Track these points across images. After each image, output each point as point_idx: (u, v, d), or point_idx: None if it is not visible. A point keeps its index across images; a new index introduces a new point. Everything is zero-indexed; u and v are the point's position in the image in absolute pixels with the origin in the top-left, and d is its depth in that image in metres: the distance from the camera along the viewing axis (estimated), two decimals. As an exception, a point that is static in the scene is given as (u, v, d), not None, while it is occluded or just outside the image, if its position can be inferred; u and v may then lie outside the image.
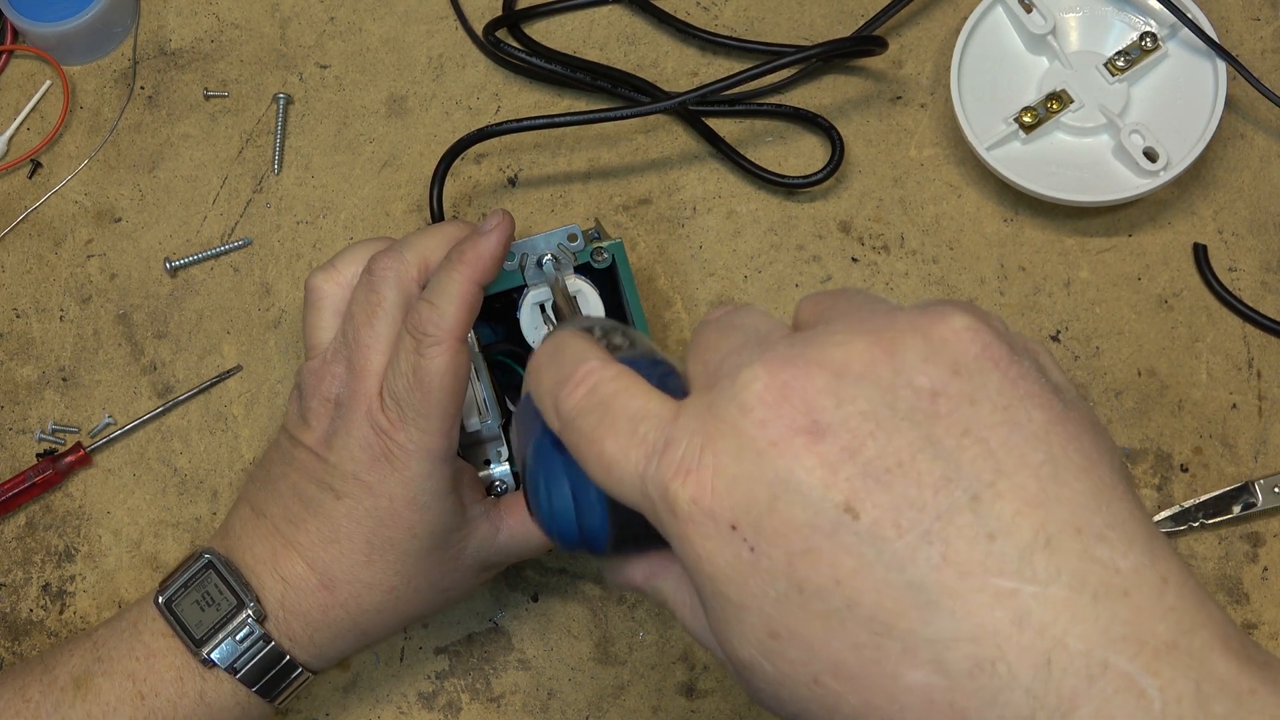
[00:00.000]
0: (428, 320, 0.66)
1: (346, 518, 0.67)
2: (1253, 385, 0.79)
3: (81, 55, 0.90)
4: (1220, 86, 0.80)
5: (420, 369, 0.65)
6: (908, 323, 0.44)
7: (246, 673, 0.67)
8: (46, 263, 0.86)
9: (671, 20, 0.87)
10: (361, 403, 0.66)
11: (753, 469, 0.43)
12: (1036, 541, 0.41)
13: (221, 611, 0.67)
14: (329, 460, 0.67)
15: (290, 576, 0.67)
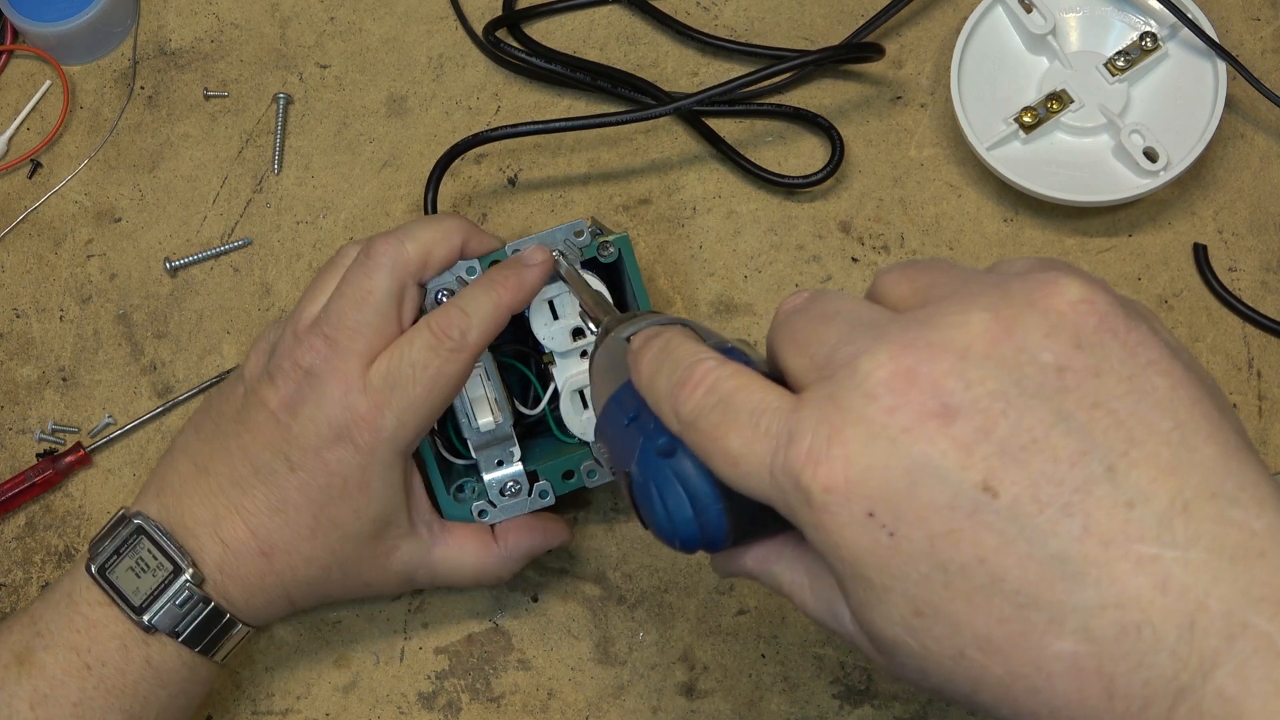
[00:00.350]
0: (455, 325, 0.66)
1: (298, 490, 0.66)
2: (1253, 385, 0.79)
3: (81, 55, 0.90)
4: (1220, 86, 0.80)
5: (432, 367, 0.66)
6: (1023, 297, 0.45)
7: (189, 635, 0.67)
8: (46, 263, 0.86)
9: (671, 22, 0.87)
10: (339, 381, 0.66)
11: (886, 456, 0.43)
12: (1174, 507, 0.42)
13: (158, 577, 0.66)
14: (291, 429, 0.66)
15: (230, 541, 0.67)
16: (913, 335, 0.44)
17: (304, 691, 0.77)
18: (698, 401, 0.48)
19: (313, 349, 0.67)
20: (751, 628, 0.76)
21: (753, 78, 0.80)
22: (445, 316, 0.67)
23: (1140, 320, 0.45)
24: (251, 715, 0.77)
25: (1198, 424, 0.43)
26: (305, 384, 0.66)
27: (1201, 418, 0.43)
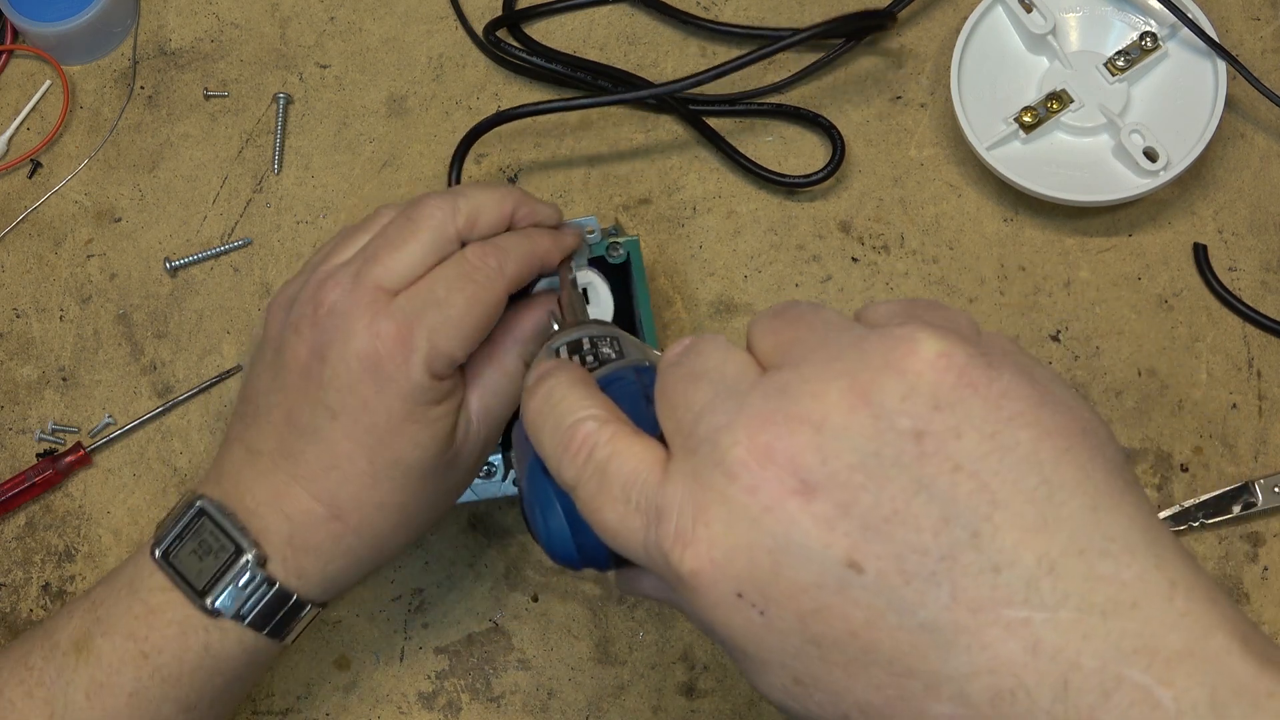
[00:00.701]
0: (492, 256, 0.64)
1: (345, 438, 0.63)
2: (1253, 385, 0.79)
3: (81, 55, 0.90)
4: (1220, 86, 0.80)
5: (466, 291, 0.63)
6: (880, 357, 0.44)
7: (254, 618, 0.65)
8: (46, 263, 0.86)
9: (674, 13, 0.87)
10: (364, 311, 0.62)
11: (750, 537, 0.43)
12: (1041, 568, 0.41)
13: (221, 559, 0.64)
14: (323, 376, 0.63)
15: (296, 513, 0.64)
16: (771, 407, 0.44)
17: (304, 691, 0.77)
18: (577, 469, 0.47)
19: (337, 285, 0.63)
20: (751, 628, 0.76)
21: (761, 53, 0.80)
22: (481, 249, 0.64)
23: (1004, 368, 0.44)
24: (251, 715, 0.77)
25: (1064, 477, 0.42)
26: (330, 324, 0.63)
27: (1069, 468, 0.42)
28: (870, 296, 0.81)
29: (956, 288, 0.81)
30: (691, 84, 0.80)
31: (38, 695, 0.65)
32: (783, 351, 0.46)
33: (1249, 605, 0.75)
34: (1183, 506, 0.76)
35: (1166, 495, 0.77)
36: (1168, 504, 0.77)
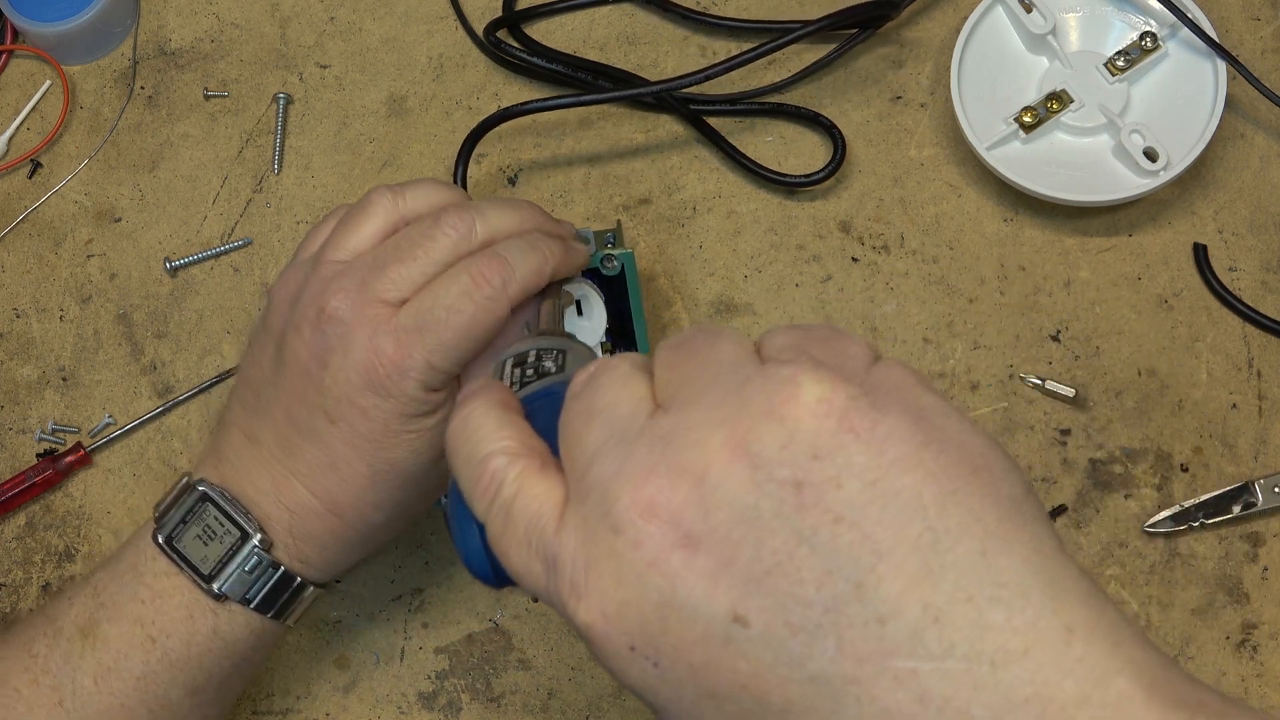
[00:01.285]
0: (497, 273, 0.63)
1: (343, 443, 0.64)
2: (1253, 385, 0.79)
3: (81, 55, 0.90)
4: (1220, 86, 0.80)
5: (466, 313, 0.63)
6: (761, 403, 0.43)
7: (260, 601, 0.66)
8: (46, 263, 0.86)
9: (674, 9, 0.87)
10: (366, 325, 0.63)
11: (637, 592, 0.43)
12: (926, 617, 0.41)
13: (226, 544, 0.65)
14: (323, 381, 0.63)
15: (295, 505, 0.65)
16: (655, 458, 0.43)
17: (304, 691, 0.77)
18: (485, 505, 0.47)
19: (341, 291, 0.64)
20: (751, 628, 0.76)
21: (767, 48, 0.80)
22: (487, 263, 0.63)
23: (889, 409, 0.43)
24: (251, 715, 0.77)
25: (950, 521, 0.41)
26: (331, 331, 0.63)
27: (956, 511, 0.42)
28: (870, 297, 0.81)
29: (956, 288, 0.81)
30: (698, 79, 0.80)
31: (44, 682, 0.65)
32: (674, 389, 0.45)
33: (1249, 605, 0.75)
34: (1183, 506, 0.76)
35: (1166, 495, 0.77)
36: (1168, 504, 0.77)
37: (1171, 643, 0.74)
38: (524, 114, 0.82)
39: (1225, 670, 0.74)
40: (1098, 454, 0.78)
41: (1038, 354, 0.80)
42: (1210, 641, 0.74)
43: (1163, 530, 0.76)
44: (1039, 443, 0.78)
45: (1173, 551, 0.76)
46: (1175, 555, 0.76)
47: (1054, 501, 0.77)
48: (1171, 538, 0.76)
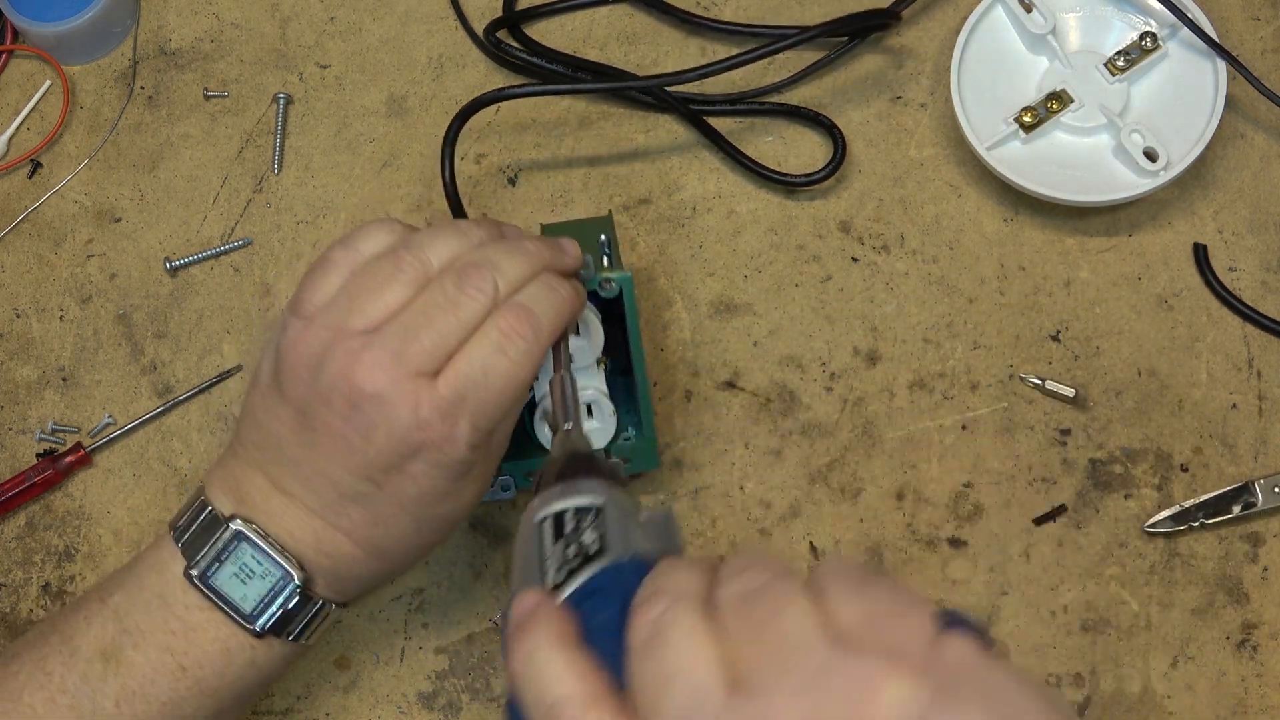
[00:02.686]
0: (527, 324, 0.64)
1: (390, 504, 0.65)
2: (1253, 385, 0.79)
3: (81, 55, 0.90)
4: (1220, 86, 0.80)
5: (501, 369, 0.64)
6: (842, 703, 0.43)
7: (297, 631, 0.67)
8: (46, 263, 0.86)
9: (674, 11, 0.87)
10: (407, 401, 0.63)
11: None
12: None
13: (267, 583, 0.65)
14: (368, 455, 0.64)
15: (337, 554, 0.66)
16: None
17: (304, 691, 0.77)
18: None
19: (376, 367, 0.63)
20: (751, 628, 0.76)
21: (762, 52, 0.80)
22: (515, 317, 0.64)
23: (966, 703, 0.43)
24: (251, 715, 0.77)
25: None
26: (371, 409, 0.63)
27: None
28: (870, 297, 0.81)
29: (956, 288, 0.81)
30: (691, 77, 0.80)
31: (61, 701, 0.65)
32: (749, 666, 0.45)
33: (1249, 605, 0.75)
34: (1183, 506, 0.76)
35: (1166, 495, 0.77)
36: (1168, 504, 0.77)
37: (1171, 643, 0.74)
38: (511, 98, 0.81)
39: (1225, 670, 0.74)
40: (1098, 454, 0.78)
41: (1038, 354, 0.80)
42: (1210, 641, 0.74)
43: (1163, 530, 0.76)
44: (1039, 443, 0.78)
45: (1173, 551, 0.76)
46: (1175, 555, 0.76)
47: (1054, 501, 0.77)
48: (1171, 538, 0.76)
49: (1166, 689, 0.74)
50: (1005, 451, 0.78)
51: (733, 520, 0.78)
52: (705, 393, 0.80)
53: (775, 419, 0.80)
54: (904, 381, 0.80)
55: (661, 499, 0.79)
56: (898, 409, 0.79)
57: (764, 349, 0.81)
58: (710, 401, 0.80)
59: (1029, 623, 0.75)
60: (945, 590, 0.76)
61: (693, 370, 0.81)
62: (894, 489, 0.78)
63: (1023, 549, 0.76)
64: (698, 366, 0.81)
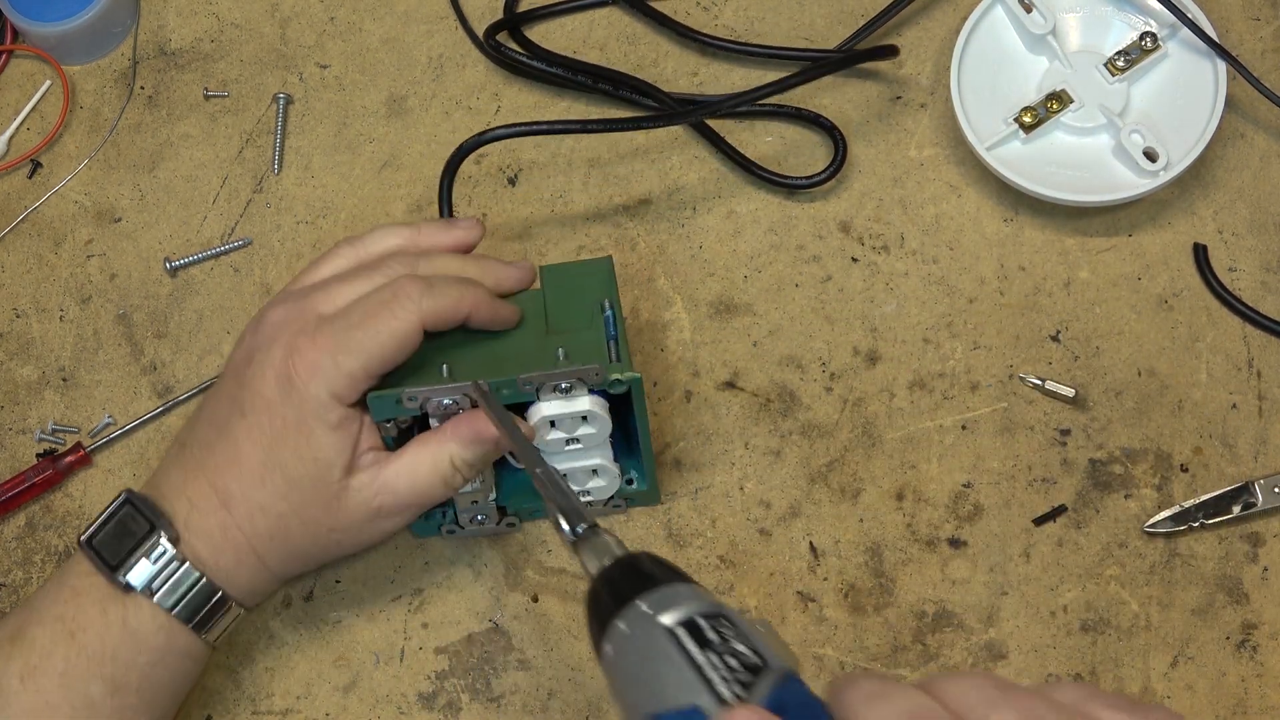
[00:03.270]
0: (415, 288, 0.68)
1: (247, 437, 0.69)
2: (1253, 385, 0.79)
3: (81, 55, 0.90)
4: (1220, 86, 0.80)
5: (379, 317, 0.68)
6: None
7: (164, 593, 0.69)
8: (46, 263, 0.86)
9: (670, 23, 0.87)
10: (292, 328, 0.69)
11: None
12: None
13: (135, 537, 0.69)
14: (244, 377, 0.69)
15: (195, 497, 0.69)
16: None
17: (304, 691, 0.77)
18: None
19: (284, 304, 0.71)
20: (751, 628, 0.76)
21: (761, 92, 0.81)
22: (407, 283, 0.69)
23: None
24: (251, 715, 0.77)
25: None
26: (264, 333, 0.70)
27: None
28: (870, 297, 0.81)
29: (956, 288, 0.81)
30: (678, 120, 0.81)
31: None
32: None
33: (1249, 605, 0.75)
34: (1183, 506, 0.76)
35: (1166, 495, 0.77)
36: (1168, 504, 0.77)
37: (1171, 643, 0.74)
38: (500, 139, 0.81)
39: (1225, 670, 0.74)
40: (1098, 454, 0.78)
41: (1038, 354, 0.80)
42: (1210, 641, 0.74)
43: (1163, 530, 0.76)
44: (1039, 443, 0.78)
45: (1173, 552, 0.76)
46: (1175, 555, 0.76)
47: (1054, 501, 0.77)
48: (1171, 538, 0.76)
49: (1166, 689, 0.74)
50: (1005, 451, 0.78)
51: (733, 520, 0.78)
52: (705, 393, 0.80)
53: (775, 419, 0.80)
54: (904, 381, 0.80)
55: (661, 499, 0.79)
56: (898, 409, 0.79)
57: (764, 349, 0.81)
58: (710, 401, 0.80)
59: (1029, 623, 0.75)
60: (945, 590, 0.76)
61: (693, 370, 0.81)
62: (894, 489, 0.78)
63: (1023, 549, 0.76)
64: (698, 366, 0.81)
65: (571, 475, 0.75)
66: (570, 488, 0.68)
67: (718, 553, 0.77)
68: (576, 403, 0.71)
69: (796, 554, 0.77)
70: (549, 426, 0.72)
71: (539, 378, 0.70)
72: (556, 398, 0.71)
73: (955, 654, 0.75)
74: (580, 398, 0.71)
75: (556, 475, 0.64)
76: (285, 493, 0.69)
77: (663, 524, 0.78)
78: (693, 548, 0.78)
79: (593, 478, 0.75)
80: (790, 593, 0.77)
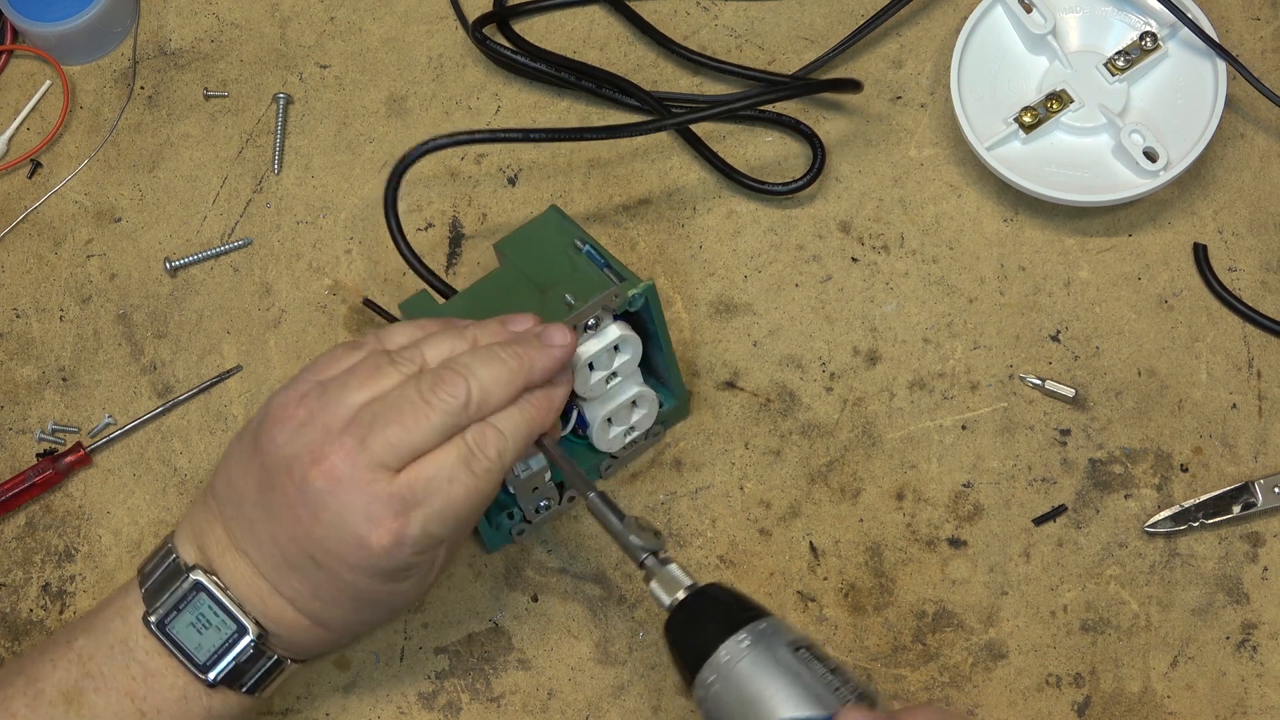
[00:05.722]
0: (492, 445, 0.65)
1: (329, 584, 0.66)
2: (1253, 385, 0.79)
3: (81, 55, 0.90)
4: (1220, 86, 0.80)
5: (464, 483, 0.65)
6: None
7: (250, 685, 0.68)
8: (46, 263, 0.86)
9: (653, 33, 0.87)
10: (363, 493, 0.64)
11: None
12: None
13: (222, 635, 0.67)
14: (314, 532, 0.65)
15: (281, 619, 0.68)
16: None
17: (304, 691, 0.77)
18: None
19: (343, 448, 0.64)
20: (751, 628, 0.76)
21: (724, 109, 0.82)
22: (482, 436, 0.65)
23: None
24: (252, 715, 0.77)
25: None
26: (328, 486, 0.64)
27: None
28: (870, 297, 0.81)
29: (956, 288, 0.81)
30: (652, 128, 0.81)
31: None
32: None
33: (1249, 605, 0.75)
34: (1183, 506, 0.76)
35: (1166, 495, 0.77)
36: (1168, 504, 0.77)
37: (1171, 643, 0.74)
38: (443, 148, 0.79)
39: (1225, 670, 0.74)
40: (1098, 454, 0.78)
41: (1038, 354, 0.80)
42: (1210, 641, 0.74)
43: (1163, 530, 0.76)
44: (1039, 443, 0.78)
45: (1173, 551, 0.76)
46: (1175, 555, 0.76)
47: (1054, 501, 0.77)
48: (1171, 538, 0.76)
49: (1166, 689, 0.74)
50: (1005, 451, 0.78)
51: (733, 520, 0.78)
52: (705, 393, 0.80)
53: (775, 419, 0.80)
54: (904, 381, 0.80)
55: (662, 499, 0.79)
56: (898, 409, 0.79)
57: (764, 349, 0.81)
58: (710, 401, 0.80)
59: (1029, 623, 0.75)
60: (945, 590, 0.76)
61: (693, 370, 0.81)
62: (894, 489, 0.78)
63: (1023, 549, 0.76)
64: (698, 366, 0.81)
65: (616, 417, 0.76)
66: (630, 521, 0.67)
67: (718, 553, 0.77)
68: (606, 334, 0.72)
69: (796, 554, 0.77)
70: (589, 371, 0.73)
71: (569, 322, 0.70)
72: (589, 338, 0.72)
73: (955, 654, 0.75)
74: (608, 328, 0.72)
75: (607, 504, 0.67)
76: (384, 612, 0.71)
77: (663, 524, 0.78)
78: (693, 548, 0.78)
79: (634, 411, 0.76)
80: (790, 593, 0.77)
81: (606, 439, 0.76)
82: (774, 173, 0.84)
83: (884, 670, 0.75)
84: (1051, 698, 0.74)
